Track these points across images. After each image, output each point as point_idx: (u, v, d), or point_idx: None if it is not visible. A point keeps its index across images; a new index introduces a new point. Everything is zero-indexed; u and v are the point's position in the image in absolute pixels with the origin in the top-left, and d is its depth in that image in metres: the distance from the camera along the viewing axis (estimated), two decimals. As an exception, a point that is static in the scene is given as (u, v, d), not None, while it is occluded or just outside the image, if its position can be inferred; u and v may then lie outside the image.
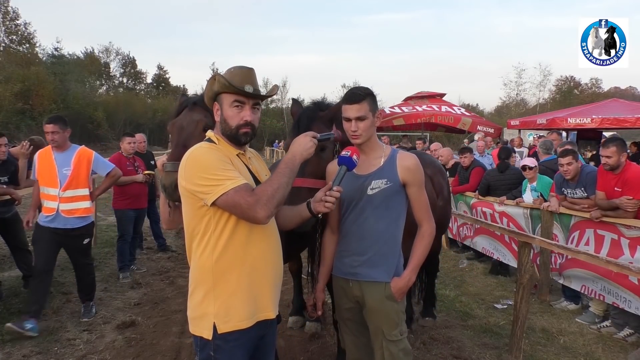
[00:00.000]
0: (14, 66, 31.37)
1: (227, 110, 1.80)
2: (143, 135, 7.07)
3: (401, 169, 2.16)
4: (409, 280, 2.18)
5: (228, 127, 1.80)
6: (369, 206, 2.17)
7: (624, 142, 4.31)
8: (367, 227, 2.18)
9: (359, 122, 2.11)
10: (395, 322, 2.19)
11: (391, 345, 2.18)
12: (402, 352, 2.20)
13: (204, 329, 1.73)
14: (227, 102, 1.80)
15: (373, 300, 2.18)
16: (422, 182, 2.21)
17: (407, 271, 2.20)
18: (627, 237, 4.13)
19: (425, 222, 2.23)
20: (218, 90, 1.81)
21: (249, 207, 1.61)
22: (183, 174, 1.71)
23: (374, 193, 2.15)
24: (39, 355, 3.62)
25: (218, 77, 1.79)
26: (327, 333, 4.05)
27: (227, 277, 1.73)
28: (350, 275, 2.23)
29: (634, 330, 4.06)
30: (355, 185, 2.18)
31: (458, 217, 6.55)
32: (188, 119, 2.47)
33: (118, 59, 50.93)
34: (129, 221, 5.76)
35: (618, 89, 55.07)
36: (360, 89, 2.17)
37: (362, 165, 2.16)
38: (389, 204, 2.17)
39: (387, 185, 2.14)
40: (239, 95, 1.78)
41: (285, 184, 1.69)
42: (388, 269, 2.18)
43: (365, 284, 2.19)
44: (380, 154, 2.21)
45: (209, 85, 1.84)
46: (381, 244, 2.17)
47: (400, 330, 2.21)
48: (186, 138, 2.37)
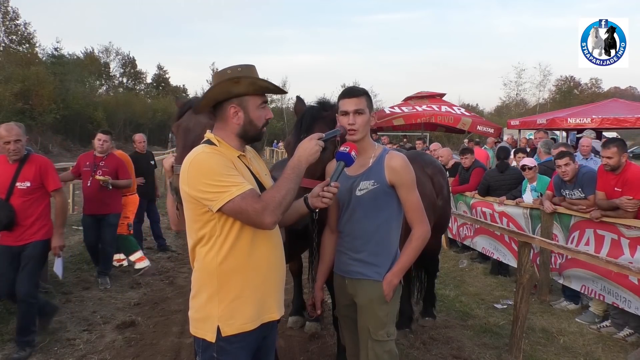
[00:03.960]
0: (13, 66, 31.32)
1: (254, 112, 1.79)
2: (142, 135, 7.03)
3: (387, 170, 2.13)
4: (389, 282, 2.15)
5: (254, 129, 1.80)
6: (359, 207, 2.17)
7: (624, 143, 4.32)
8: (358, 228, 2.18)
9: (357, 116, 2.11)
10: (382, 322, 2.17)
11: (376, 346, 2.17)
12: (387, 353, 2.18)
13: (207, 332, 1.72)
14: (255, 103, 1.79)
15: (362, 298, 2.19)
16: (410, 183, 2.16)
17: (389, 273, 2.16)
18: (627, 237, 4.13)
19: (416, 225, 2.18)
20: (245, 92, 1.76)
21: (257, 214, 1.61)
22: (186, 179, 1.68)
23: (362, 194, 2.15)
24: (39, 355, 3.62)
25: (246, 80, 1.73)
26: (327, 333, 4.05)
27: (232, 279, 1.72)
28: (346, 273, 2.25)
29: (633, 330, 4.06)
30: (346, 186, 2.18)
31: (458, 217, 6.55)
32: (194, 121, 2.45)
33: (118, 59, 50.91)
34: (85, 226, 5.36)
35: (618, 89, 55.04)
36: (358, 87, 2.20)
37: (353, 166, 2.14)
38: (378, 205, 2.15)
39: (375, 186, 2.13)
40: (264, 96, 1.80)
41: (292, 189, 1.68)
42: (380, 269, 2.18)
43: (357, 281, 2.20)
44: (370, 155, 2.20)
45: (226, 87, 1.74)
46: (373, 244, 2.17)
47: (387, 332, 2.18)
48: (194, 140, 2.33)
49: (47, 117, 29.32)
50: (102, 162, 5.23)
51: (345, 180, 2.18)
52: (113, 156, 5.44)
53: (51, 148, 27.64)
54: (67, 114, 31.83)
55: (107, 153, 5.31)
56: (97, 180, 5.10)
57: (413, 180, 2.18)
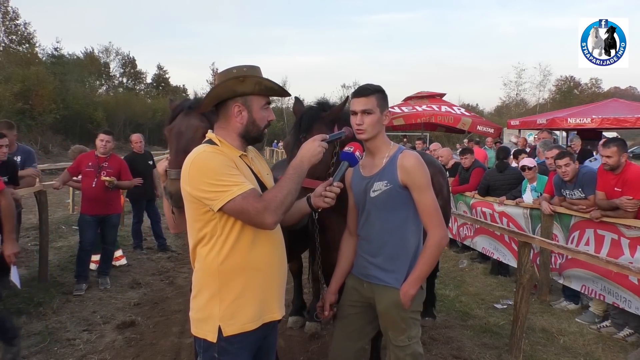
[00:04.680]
0: (13, 66, 31.30)
1: (258, 112, 1.79)
2: (139, 135, 7.00)
3: (400, 170, 2.06)
4: (406, 293, 2.07)
5: (256, 129, 1.80)
6: (374, 209, 2.13)
7: (624, 143, 4.32)
8: (374, 230, 2.14)
9: (364, 116, 2.05)
10: (401, 328, 2.14)
11: (398, 350, 2.16)
12: (409, 356, 2.16)
13: (209, 332, 1.72)
14: (259, 104, 1.79)
15: (381, 304, 2.15)
16: (423, 184, 2.06)
17: (405, 283, 2.08)
18: (627, 237, 4.13)
19: (431, 229, 2.07)
20: (250, 91, 1.76)
21: (257, 213, 1.60)
22: (187, 179, 1.68)
23: (376, 195, 2.10)
24: (38, 355, 3.62)
25: (251, 79, 1.73)
26: (327, 333, 4.05)
27: (233, 280, 1.72)
28: (365, 276, 2.21)
29: (633, 330, 4.06)
30: (361, 187, 2.15)
31: (458, 217, 6.55)
32: (186, 124, 2.42)
33: (118, 59, 50.86)
34: (86, 226, 5.20)
35: (618, 89, 55.06)
36: (371, 84, 2.13)
37: (368, 166, 2.12)
38: (393, 206, 2.09)
39: (388, 187, 2.07)
40: (268, 97, 1.80)
41: (294, 190, 1.68)
42: (398, 275, 2.11)
43: (377, 287, 2.16)
44: (385, 154, 2.14)
45: (232, 85, 1.73)
46: (390, 247, 2.12)
47: (408, 336, 2.15)
48: (186, 144, 2.31)
49: (47, 117, 29.29)
50: (105, 163, 5.24)
51: (360, 181, 2.14)
52: (115, 157, 5.48)
53: (51, 148, 27.61)
54: (67, 114, 31.78)
55: (109, 154, 5.33)
56: (102, 180, 5.11)
57: (427, 181, 2.07)
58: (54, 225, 8.03)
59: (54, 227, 7.80)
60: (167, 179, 2.28)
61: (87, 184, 5.20)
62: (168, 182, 2.25)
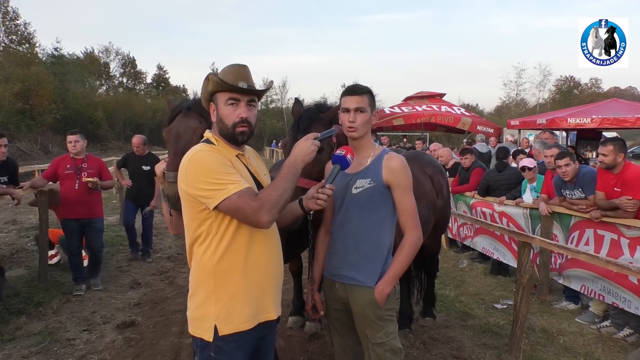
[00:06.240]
0: (13, 66, 31.34)
1: (222, 109, 1.78)
2: (140, 138, 6.50)
3: (385, 170, 2.11)
4: (381, 291, 2.10)
5: (225, 127, 1.78)
6: (353, 205, 2.15)
7: (624, 143, 4.31)
8: (351, 227, 2.16)
9: (357, 114, 2.10)
10: (378, 325, 2.15)
11: (377, 348, 2.16)
12: (389, 352, 2.17)
13: (205, 331, 1.72)
14: (222, 100, 1.77)
15: (355, 304, 2.16)
16: (406, 186, 2.13)
17: (381, 281, 2.11)
18: (627, 237, 4.13)
19: (408, 230, 2.13)
20: (213, 89, 1.79)
21: (253, 212, 1.61)
22: (184, 177, 1.69)
23: (358, 192, 2.13)
24: (38, 355, 3.62)
25: (211, 77, 1.76)
26: (327, 333, 4.05)
27: (229, 279, 1.72)
28: (336, 277, 2.21)
29: (633, 330, 4.06)
30: (343, 183, 2.17)
31: (458, 217, 6.55)
32: (184, 126, 2.42)
33: (118, 59, 50.95)
34: (70, 232, 5.09)
35: (618, 89, 55.11)
36: (361, 85, 2.19)
37: (352, 164, 2.13)
38: (373, 204, 2.13)
39: (371, 185, 2.11)
40: (233, 93, 1.76)
41: (289, 189, 1.69)
42: (371, 273, 2.13)
43: (349, 286, 2.17)
44: (369, 154, 2.19)
45: (204, 87, 1.81)
46: (365, 245, 2.14)
47: (385, 333, 2.16)
48: (184, 146, 2.30)
49: (47, 117, 29.33)
50: (84, 164, 5.06)
51: (342, 178, 2.16)
52: (93, 157, 5.30)
53: (51, 148, 27.63)
54: (67, 114, 31.81)
55: (84, 154, 5.13)
56: (84, 182, 4.95)
57: (409, 184, 2.15)
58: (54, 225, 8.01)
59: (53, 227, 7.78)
60: (164, 181, 2.27)
61: (69, 186, 4.99)
62: (166, 185, 2.25)
